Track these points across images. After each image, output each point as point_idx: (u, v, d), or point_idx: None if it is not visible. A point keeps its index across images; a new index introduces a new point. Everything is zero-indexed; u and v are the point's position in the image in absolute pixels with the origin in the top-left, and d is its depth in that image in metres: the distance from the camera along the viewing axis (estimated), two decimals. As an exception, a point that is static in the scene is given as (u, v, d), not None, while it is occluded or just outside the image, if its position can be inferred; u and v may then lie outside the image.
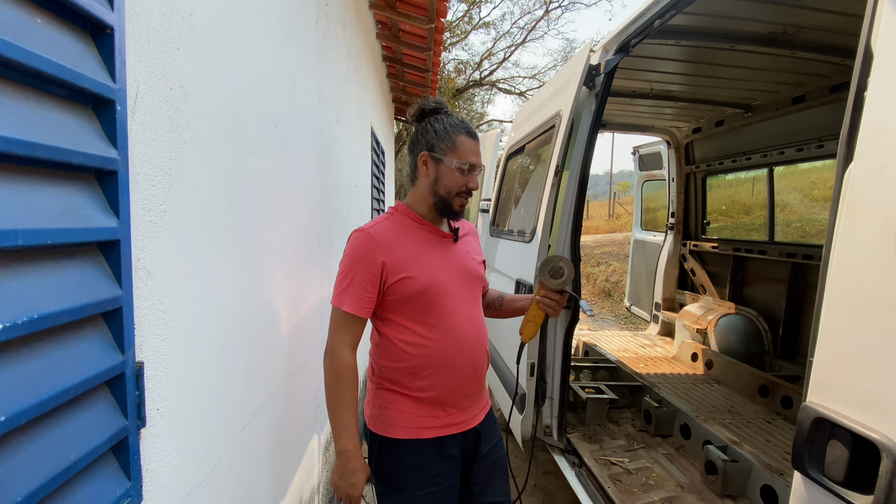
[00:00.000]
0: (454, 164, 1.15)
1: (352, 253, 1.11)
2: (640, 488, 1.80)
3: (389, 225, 1.16)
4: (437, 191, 1.17)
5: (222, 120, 0.89)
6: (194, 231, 0.79)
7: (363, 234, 1.12)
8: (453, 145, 1.16)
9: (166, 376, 0.72)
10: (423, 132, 1.19)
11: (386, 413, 1.16)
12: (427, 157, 1.17)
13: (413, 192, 1.22)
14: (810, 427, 0.76)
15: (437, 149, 1.16)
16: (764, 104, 2.81)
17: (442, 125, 1.17)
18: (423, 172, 1.19)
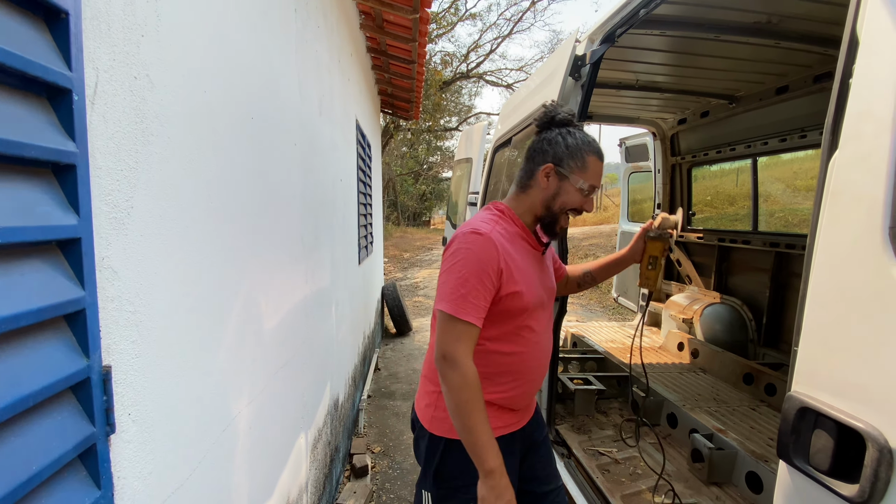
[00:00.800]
0: (579, 184, 1.12)
1: (474, 257, 1.02)
2: (627, 478, 1.81)
3: (502, 231, 1.10)
4: (552, 206, 1.14)
5: (194, 111, 0.85)
6: (165, 228, 0.75)
7: (485, 239, 1.04)
8: (583, 165, 1.12)
9: (137, 380, 0.69)
10: (552, 143, 1.13)
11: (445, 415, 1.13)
12: (552, 170, 1.12)
13: (520, 199, 1.17)
14: (795, 416, 0.76)
15: (566, 165, 1.12)
16: (748, 95, 2.82)
17: (575, 141, 1.12)
18: (541, 184, 1.14)
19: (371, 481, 2.58)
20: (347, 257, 2.90)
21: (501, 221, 1.13)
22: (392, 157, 19.99)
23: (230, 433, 1.02)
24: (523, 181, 1.18)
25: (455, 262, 1.03)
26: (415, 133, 15.06)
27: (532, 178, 1.15)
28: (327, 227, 2.16)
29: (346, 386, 2.87)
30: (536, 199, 1.15)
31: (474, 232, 1.05)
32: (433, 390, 1.16)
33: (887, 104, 0.67)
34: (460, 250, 1.04)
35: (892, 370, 0.62)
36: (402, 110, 6.13)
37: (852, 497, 0.64)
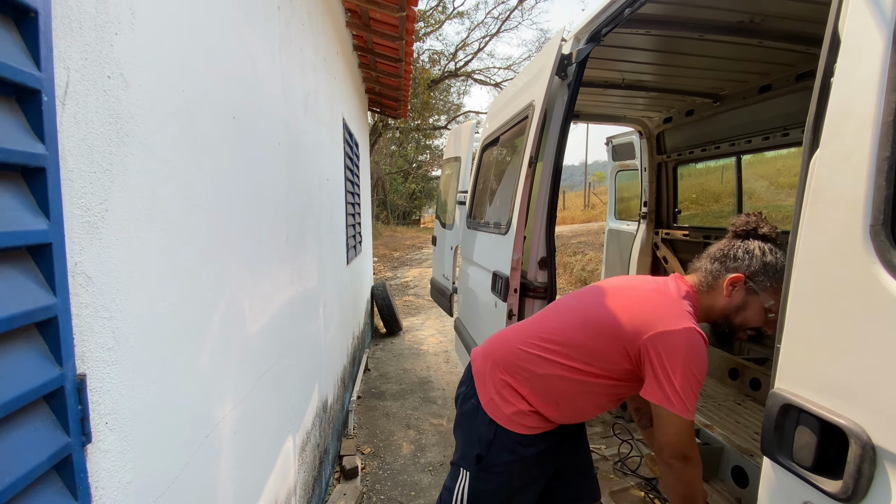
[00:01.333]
0: (769, 305, 1.08)
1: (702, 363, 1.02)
2: (616, 474, 1.83)
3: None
4: (732, 318, 1.12)
5: (172, 111, 0.83)
6: (142, 231, 0.73)
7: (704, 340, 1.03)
8: (778, 287, 1.06)
9: (114, 387, 0.67)
10: (749, 254, 1.10)
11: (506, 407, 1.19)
12: (741, 283, 1.09)
13: (704, 296, 1.15)
14: (778, 413, 0.77)
15: (760, 282, 1.08)
16: (732, 93, 2.86)
17: (775, 260, 1.08)
18: (725, 292, 1.11)
19: (361, 483, 2.57)
20: (335, 257, 2.88)
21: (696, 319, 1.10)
22: (381, 156, 19.89)
23: (214, 438, 1.00)
24: (708, 280, 1.15)
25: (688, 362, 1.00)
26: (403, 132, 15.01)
27: (717, 279, 1.13)
28: (314, 227, 2.14)
29: (336, 387, 2.84)
30: (717, 305, 1.13)
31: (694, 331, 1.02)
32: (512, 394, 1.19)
33: (868, 103, 0.68)
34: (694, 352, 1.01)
35: (873, 367, 0.63)
36: (390, 109, 6.10)
37: (836, 493, 0.65)
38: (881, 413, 0.61)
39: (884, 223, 0.64)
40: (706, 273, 1.15)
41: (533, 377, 1.17)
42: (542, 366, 1.16)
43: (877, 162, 0.66)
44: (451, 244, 3.92)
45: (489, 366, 1.25)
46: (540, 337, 1.20)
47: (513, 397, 1.19)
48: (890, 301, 0.61)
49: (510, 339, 1.26)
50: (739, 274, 1.09)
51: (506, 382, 1.20)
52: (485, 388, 1.23)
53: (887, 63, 0.67)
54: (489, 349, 1.29)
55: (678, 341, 1.01)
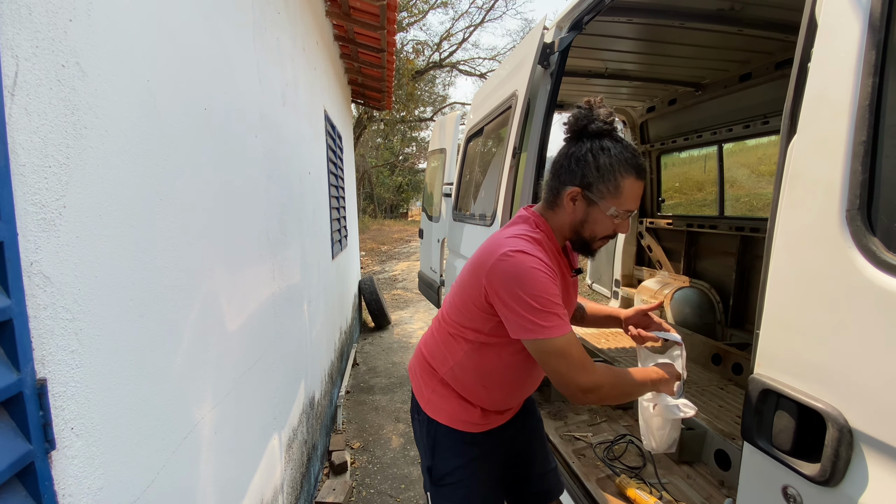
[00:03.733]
0: (611, 212, 0.98)
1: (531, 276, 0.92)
2: (602, 461, 1.85)
3: (543, 251, 0.99)
4: (582, 232, 1.03)
5: (135, 102, 0.80)
6: (105, 228, 0.70)
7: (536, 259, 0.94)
8: (616, 189, 0.97)
9: (79, 392, 0.64)
10: (581, 162, 0.98)
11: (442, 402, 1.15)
12: (579, 195, 0.99)
13: (550, 217, 1.06)
14: (758, 398, 0.77)
15: (596, 189, 0.98)
16: (713, 82, 2.88)
17: (608, 160, 0.96)
18: (567, 208, 1.02)
19: (351, 477, 2.56)
20: (319, 252, 2.84)
21: (542, 243, 1.02)
22: (367, 149, 19.70)
23: (193, 440, 0.98)
24: (550, 198, 1.06)
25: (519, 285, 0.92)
26: (388, 124, 14.87)
27: (558, 196, 1.03)
28: (296, 221, 2.10)
29: (323, 383, 2.82)
30: (564, 222, 1.04)
31: (523, 251, 0.94)
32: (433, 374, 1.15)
33: (844, 88, 0.67)
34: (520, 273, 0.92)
35: (850, 351, 0.63)
36: (373, 100, 6.02)
37: (814, 476, 0.66)
38: (858, 397, 0.62)
39: (859, 208, 0.64)
40: (548, 191, 1.07)
41: (450, 368, 1.11)
42: (448, 351, 1.11)
43: (853, 147, 0.66)
44: (438, 237, 3.91)
45: (419, 372, 1.20)
46: (442, 319, 1.15)
47: (447, 392, 1.13)
48: (866, 285, 0.61)
49: (426, 338, 1.22)
50: (574, 187, 0.99)
51: (438, 379, 1.14)
52: (421, 392, 1.18)
53: (863, 47, 0.67)
54: (416, 357, 1.24)
55: (500, 269, 0.94)
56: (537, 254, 0.95)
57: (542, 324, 0.91)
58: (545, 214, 1.07)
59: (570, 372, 0.92)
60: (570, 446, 1.95)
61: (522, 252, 0.94)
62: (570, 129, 1.03)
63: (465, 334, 1.08)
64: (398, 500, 2.40)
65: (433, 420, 1.14)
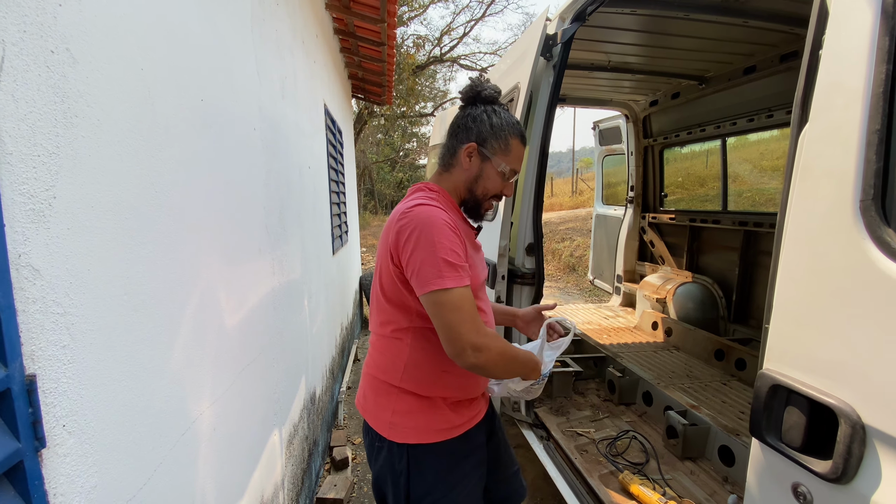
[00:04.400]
0: (501, 167, 1.07)
1: (434, 224, 0.93)
2: (605, 457, 1.83)
3: (444, 207, 1.01)
4: (474, 189, 1.09)
5: (128, 90, 0.77)
6: (98, 220, 0.68)
7: (433, 209, 0.96)
8: (506, 146, 1.07)
9: (72, 388, 0.62)
10: (476, 121, 1.07)
11: (407, 419, 1.06)
12: (475, 150, 1.07)
13: (446, 179, 1.11)
14: (767, 394, 0.75)
15: (489, 145, 1.06)
16: (717, 75, 2.85)
17: (500, 121, 1.06)
18: (464, 164, 1.08)
19: (352, 473, 2.55)
20: (320, 247, 2.82)
21: (440, 199, 1.05)
22: (367, 145, 19.65)
23: (191, 437, 0.97)
24: (446, 159, 1.12)
25: (419, 236, 0.92)
26: (389, 119, 14.80)
27: (454, 156, 1.09)
28: (296, 216, 2.08)
29: (324, 379, 2.81)
30: (459, 180, 1.09)
31: (422, 204, 0.97)
32: (388, 391, 1.07)
33: (858, 75, 0.65)
34: (420, 223, 0.93)
35: (863, 345, 0.61)
36: (374, 95, 5.98)
37: (825, 473, 0.64)
38: (872, 392, 0.60)
39: (874, 198, 0.62)
40: (444, 154, 1.12)
41: (403, 369, 1.05)
42: (394, 353, 1.06)
43: (867, 135, 0.64)
44: (438, 232, 3.88)
45: (370, 394, 1.12)
46: (374, 332, 1.13)
47: (408, 403, 1.06)
48: (880, 278, 0.60)
49: (367, 361, 1.16)
50: (471, 143, 1.06)
51: (393, 394, 1.07)
52: (379, 420, 1.08)
53: (876, 34, 0.65)
54: (361, 383, 1.18)
55: (398, 227, 0.96)
56: (436, 205, 0.99)
57: (439, 273, 0.91)
58: (439, 179, 1.12)
59: (461, 326, 0.90)
60: (572, 442, 1.93)
61: (421, 205, 0.98)
62: (465, 95, 1.12)
63: (401, 325, 1.04)
64: (399, 496, 2.39)
65: (401, 444, 1.05)
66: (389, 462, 1.07)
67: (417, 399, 1.06)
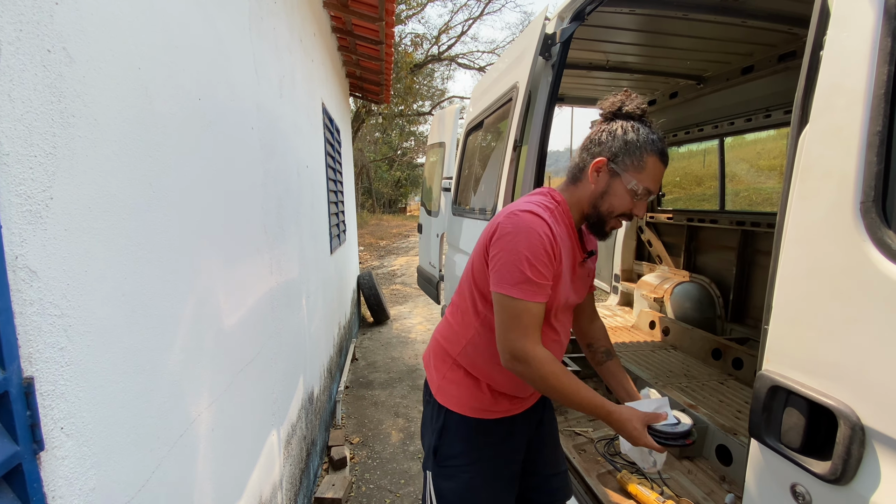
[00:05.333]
0: (631, 185, 1.01)
1: (535, 236, 0.95)
2: (603, 456, 1.84)
3: (554, 219, 1.02)
4: (599, 206, 1.05)
5: (125, 90, 0.77)
6: (95, 221, 0.68)
7: (543, 221, 0.97)
8: (640, 165, 1.00)
9: (69, 390, 0.62)
10: (611, 135, 1.03)
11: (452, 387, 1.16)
12: (604, 165, 1.03)
13: (570, 192, 1.09)
14: (766, 395, 0.76)
15: (620, 161, 1.01)
16: (715, 75, 2.85)
17: (636, 136, 1.01)
18: (590, 178, 1.05)
19: (350, 472, 2.55)
20: (318, 247, 2.82)
21: (555, 211, 1.05)
22: (365, 143, 19.60)
23: (189, 437, 0.96)
24: (574, 172, 1.09)
25: (512, 239, 0.96)
26: (387, 118, 14.78)
27: (583, 170, 1.06)
28: (294, 215, 2.08)
29: (322, 378, 2.81)
30: (584, 195, 1.07)
31: (531, 212, 0.98)
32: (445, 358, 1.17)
33: (859, 77, 0.65)
34: (519, 228, 0.96)
35: (863, 347, 0.61)
36: (371, 93, 5.97)
37: (824, 474, 0.64)
38: (871, 394, 0.60)
39: (874, 200, 0.62)
40: (573, 167, 1.11)
41: (464, 347, 1.14)
42: (462, 329, 1.14)
43: (867, 136, 0.64)
44: (437, 231, 3.88)
45: (431, 357, 1.23)
46: (453, 301, 1.19)
47: (458, 376, 1.15)
48: (880, 279, 0.60)
49: (440, 324, 1.26)
50: (602, 157, 1.03)
51: (448, 364, 1.17)
52: (433, 378, 1.20)
53: (878, 34, 0.65)
54: (431, 340, 1.27)
55: (503, 225, 0.99)
56: (545, 217, 0.99)
57: (512, 281, 0.95)
58: (564, 191, 1.11)
59: (511, 332, 0.96)
60: (570, 441, 1.94)
61: (529, 212, 0.99)
62: (605, 110, 1.08)
63: (477, 308, 1.10)
64: (398, 496, 2.40)
65: (443, 406, 1.16)
66: (430, 416, 1.20)
67: (466, 375, 1.15)
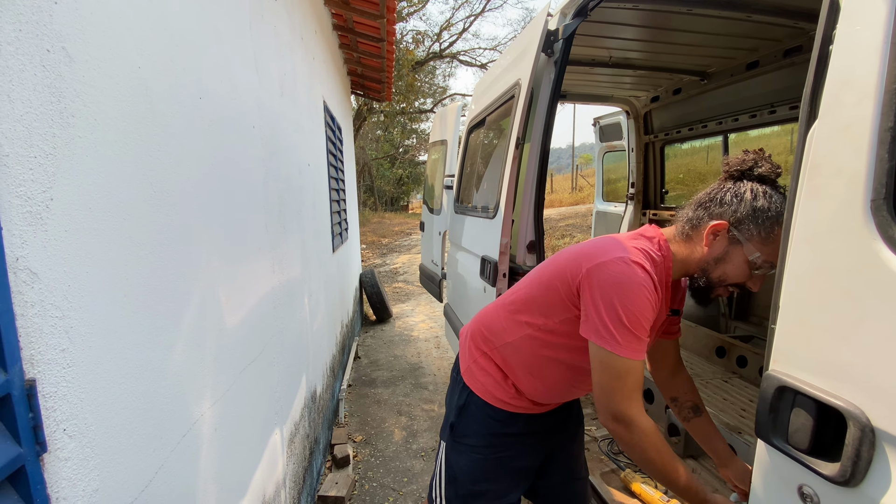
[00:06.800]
0: (753, 257, 0.91)
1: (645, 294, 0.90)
2: (606, 455, 1.83)
3: (657, 274, 0.95)
4: (710, 271, 0.96)
5: (125, 89, 0.76)
6: (96, 222, 0.67)
7: (649, 277, 0.91)
8: (767, 235, 0.90)
9: (72, 392, 0.62)
10: (738, 197, 0.93)
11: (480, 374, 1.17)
12: (724, 230, 0.93)
13: (680, 248, 1.01)
14: (773, 396, 0.75)
15: (745, 228, 0.91)
16: (719, 71, 2.83)
17: (768, 204, 0.90)
18: (706, 241, 0.96)
19: (353, 471, 2.56)
20: (320, 245, 2.81)
21: (661, 266, 0.98)
22: (367, 141, 19.60)
23: (192, 438, 0.96)
24: (687, 229, 1.01)
25: (621, 292, 0.89)
26: (388, 115, 14.76)
27: (698, 227, 0.98)
28: (295, 214, 2.07)
29: (325, 377, 2.81)
30: (694, 256, 0.99)
31: (642, 266, 0.91)
32: (481, 346, 1.18)
33: (870, 72, 0.64)
34: (631, 281, 0.90)
35: (873, 347, 0.60)
36: (373, 91, 5.95)
37: (833, 476, 0.63)
38: (881, 394, 0.59)
39: (885, 197, 0.61)
40: (686, 221, 1.01)
41: (504, 344, 1.13)
42: (509, 329, 1.12)
43: (879, 133, 0.62)
44: (439, 230, 3.87)
45: (469, 338, 1.24)
46: (506, 301, 1.17)
47: (488, 365, 1.16)
48: (891, 278, 0.59)
49: (488, 310, 1.24)
50: (723, 221, 0.93)
51: (482, 352, 1.18)
52: (464, 358, 1.22)
53: (891, 28, 0.63)
54: (471, 323, 1.28)
55: (609, 269, 0.92)
56: (650, 271, 0.92)
57: (618, 338, 0.89)
58: (674, 243, 1.02)
59: (616, 394, 0.92)
60: (573, 440, 1.93)
61: (639, 265, 0.91)
62: (732, 167, 0.97)
63: (533, 320, 1.07)
64: (401, 494, 2.40)
65: (468, 387, 1.17)
66: (455, 392, 1.21)
67: (496, 368, 1.15)
